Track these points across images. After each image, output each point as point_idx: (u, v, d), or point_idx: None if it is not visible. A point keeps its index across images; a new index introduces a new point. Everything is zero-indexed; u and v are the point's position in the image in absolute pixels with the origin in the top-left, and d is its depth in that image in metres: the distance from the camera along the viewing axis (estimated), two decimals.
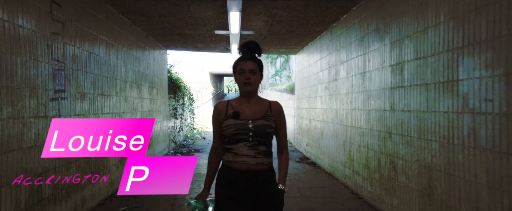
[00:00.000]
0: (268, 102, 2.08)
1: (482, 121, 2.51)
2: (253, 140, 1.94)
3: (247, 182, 1.93)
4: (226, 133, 1.96)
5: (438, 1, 3.05)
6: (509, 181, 2.27)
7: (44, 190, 3.26)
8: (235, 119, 1.94)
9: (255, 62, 2.00)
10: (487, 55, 2.46)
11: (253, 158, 1.93)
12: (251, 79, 1.96)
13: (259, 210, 1.94)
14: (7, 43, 2.77)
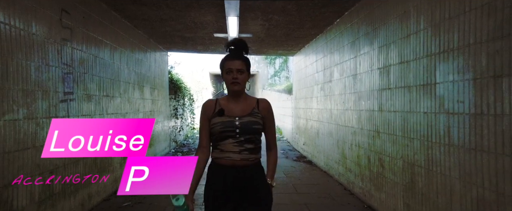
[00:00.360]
0: (256, 99, 2.10)
1: (455, 121, 2.77)
2: (240, 136, 1.96)
3: (233, 177, 1.96)
4: (214, 130, 1.99)
5: (419, 10, 3.31)
6: (477, 174, 2.52)
7: (55, 186, 3.52)
8: (220, 116, 1.98)
9: (243, 61, 2.00)
10: (459, 61, 2.72)
11: (238, 154, 1.96)
12: (238, 78, 1.97)
13: (246, 205, 1.96)
14: (22, 50, 3.03)
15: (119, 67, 5.55)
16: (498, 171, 2.32)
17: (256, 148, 2.02)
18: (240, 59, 1.99)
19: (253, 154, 2.00)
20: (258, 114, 2.03)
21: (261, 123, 2.03)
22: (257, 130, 2.01)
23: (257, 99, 2.10)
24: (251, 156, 1.99)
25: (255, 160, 2.02)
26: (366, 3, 4.64)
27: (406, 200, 3.61)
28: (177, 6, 5.12)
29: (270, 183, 2.06)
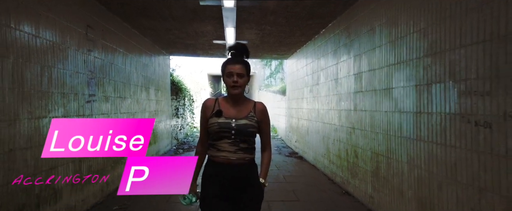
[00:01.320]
0: (253, 103, 2.18)
1: (404, 118, 3.53)
2: (235, 138, 2.05)
3: (228, 175, 2.05)
4: (210, 130, 2.08)
5: (381, 29, 4.07)
6: (417, 159, 3.28)
7: (84, 170, 4.25)
8: (218, 117, 2.07)
9: (243, 65, 2.07)
10: (406, 71, 3.48)
11: (233, 153, 2.05)
12: (238, 82, 2.04)
13: (240, 201, 2.06)
14: (62, 61, 3.76)
15: (129, 72, 6.29)
16: (430, 156, 3.08)
17: (250, 148, 2.12)
18: (241, 63, 2.06)
19: (248, 153, 2.10)
20: (254, 117, 2.11)
21: (256, 126, 2.12)
22: (251, 132, 2.09)
23: (254, 102, 2.19)
24: (246, 156, 2.08)
25: (249, 159, 2.11)
26: (345, 17, 5.40)
27: (373, 183, 4.37)
28: (182, 19, 5.86)
29: (263, 183, 2.16)
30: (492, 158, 2.33)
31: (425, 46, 3.14)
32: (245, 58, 2.14)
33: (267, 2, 4.94)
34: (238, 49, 2.14)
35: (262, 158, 2.23)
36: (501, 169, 2.25)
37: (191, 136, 12.91)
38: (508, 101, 2.19)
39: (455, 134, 2.72)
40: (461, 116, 2.65)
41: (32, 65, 3.21)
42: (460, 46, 2.65)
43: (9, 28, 2.90)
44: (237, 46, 2.15)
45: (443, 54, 2.86)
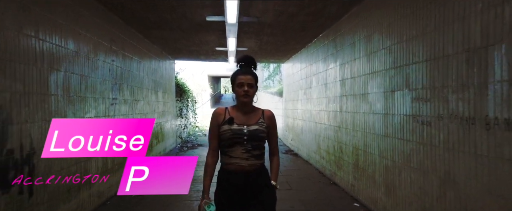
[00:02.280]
0: (262, 110, 2.30)
1: (376, 118, 4.32)
2: (248, 143, 2.15)
3: (240, 181, 2.14)
4: (223, 136, 2.17)
5: (360, 43, 4.86)
6: (386, 151, 4.06)
7: (110, 165, 5.01)
8: (230, 124, 2.17)
9: (252, 76, 2.20)
10: (378, 80, 4.26)
11: (245, 160, 2.15)
12: (249, 91, 2.16)
13: (252, 206, 2.13)
14: (94, 71, 4.54)
15: (142, 77, 7.07)
16: (393, 148, 3.86)
17: (261, 154, 2.22)
18: (250, 74, 2.20)
19: (259, 159, 2.20)
20: (263, 123, 2.23)
21: (266, 131, 2.23)
22: (262, 137, 2.20)
23: (262, 110, 2.31)
24: (256, 162, 2.18)
25: (260, 165, 2.21)
26: (332, 30, 6.19)
27: (354, 174, 5.16)
28: (189, 30, 6.64)
29: (274, 185, 2.26)
30: (431, 148, 3.12)
31: (390, 60, 3.93)
32: (253, 69, 2.28)
33: (265, 18, 5.72)
34: (247, 61, 2.27)
35: (271, 162, 2.33)
36: (437, 156, 3.04)
37: (193, 135, 13.69)
38: (440, 106, 2.98)
39: (409, 130, 3.51)
40: (413, 116, 3.44)
41: (75, 76, 3.99)
42: (412, 63, 3.44)
43: (61, 47, 3.67)
44: (246, 59, 2.27)
45: (402, 68, 3.65)
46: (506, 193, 2.26)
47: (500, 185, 2.31)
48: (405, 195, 3.61)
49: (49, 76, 3.43)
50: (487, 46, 2.42)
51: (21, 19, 3.00)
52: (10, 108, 2.84)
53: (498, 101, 2.32)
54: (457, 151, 2.75)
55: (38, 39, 3.25)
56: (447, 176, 2.88)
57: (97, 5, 4.71)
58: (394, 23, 3.80)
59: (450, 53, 2.84)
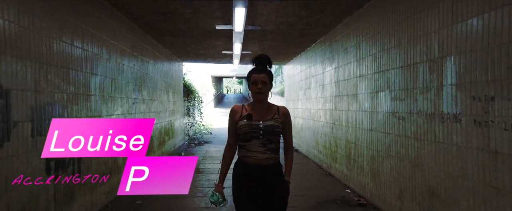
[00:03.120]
0: (277, 107, 2.39)
1: (364, 115, 5.01)
2: (263, 138, 2.25)
3: (257, 174, 2.25)
4: (241, 131, 2.28)
5: (351, 50, 5.55)
6: (372, 143, 4.75)
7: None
8: (247, 120, 2.27)
9: (267, 74, 2.29)
10: (366, 82, 4.96)
11: (262, 154, 2.25)
12: (262, 89, 2.26)
13: (266, 198, 2.25)
14: (120, 74, 5.25)
15: (156, 79, 7.79)
16: (377, 140, 4.56)
17: (276, 148, 2.32)
18: (265, 72, 2.30)
19: (274, 153, 2.30)
20: (278, 118, 2.33)
21: (281, 127, 2.33)
22: (277, 132, 2.30)
23: (278, 106, 2.41)
24: (273, 156, 2.29)
25: (275, 159, 2.32)
26: (328, 37, 6.88)
27: (347, 165, 5.85)
28: (199, 36, 7.34)
29: (288, 180, 2.36)
30: (405, 138, 3.81)
31: (375, 66, 4.62)
32: (268, 67, 2.37)
33: (268, 27, 6.41)
34: (262, 60, 2.36)
35: (285, 158, 2.44)
36: (409, 145, 3.73)
37: (199, 133, 14.41)
38: (411, 104, 3.67)
39: (389, 125, 4.20)
40: (392, 113, 4.13)
41: (107, 79, 4.70)
42: (391, 68, 4.13)
43: (98, 55, 4.39)
44: (261, 57, 2.37)
45: (384, 73, 4.34)
46: (454, 170, 2.96)
47: (450, 164, 3.01)
48: (386, 179, 4.30)
49: (90, 79, 4.14)
50: (442, 57, 3.11)
51: (72, 34, 3.71)
52: (66, 106, 3.55)
53: (449, 101, 3.02)
54: (423, 140, 3.44)
55: (83, 49, 3.96)
56: (416, 160, 3.58)
57: (123, 17, 5.42)
58: (378, 34, 4.50)
59: (418, 61, 3.53)
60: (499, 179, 2.44)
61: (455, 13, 2.92)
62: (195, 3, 4.93)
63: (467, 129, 2.78)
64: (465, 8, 2.79)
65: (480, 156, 2.63)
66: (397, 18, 3.96)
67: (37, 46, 3.05)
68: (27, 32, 2.92)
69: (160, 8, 5.12)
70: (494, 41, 2.49)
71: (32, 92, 2.97)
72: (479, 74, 2.64)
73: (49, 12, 3.26)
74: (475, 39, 2.68)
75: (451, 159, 2.99)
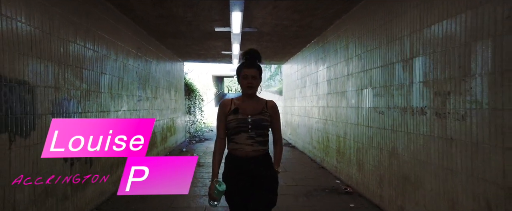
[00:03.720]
0: (265, 101, 2.43)
1: (352, 111, 5.43)
2: (252, 131, 2.29)
3: (245, 166, 2.30)
4: (230, 125, 2.32)
5: (341, 50, 5.96)
6: (358, 137, 5.17)
7: None
8: (235, 114, 2.31)
9: (257, 69, 2.32)
10: (353, 80, 5.37)
11: (250, 146, 2.29)
12: (252, 83, 2.30)
13: (256, 190, 2.29)
14: (126, 73, 5.68)
15: (159, 78, 8.22)
16: (362, 133, 4.97)
17: (264, 141, 2.36)
18: (255, 67, 2.32)
19: (262, 146, 2.33)
20: (266, 112, 2.36)
21: (269, 120, 2.37)
22: (265, 126, 2.34)
23: (266, 100, 2.44)
24: (260, 148, 2.32)
25: (263, 151, 2.34)
26: (321, 38, 7.30)
27: (337, 158, 6.27)
28: (199, 38, 7.77)
29: (277, 170, 2.40)
30: (384, 131, 4.23)
31: (360, 65, 5.04)
32: (258, 62, 2.39)
33: (263, 29, 6.83)
34: (252, 55, 2.38)
35: (274, 149, 2.49)
36: (387, 136, 4.15)
37: (200, 131, 14.85)
38: (389, 100, 4.08)
39: (371, 119, 4.62)
40: (374, 108, 4.55)
41: (114, 78, 5.13)
42: (373, 68, 4.55)
43: (106, 56, 4.82)
44: (251, 52, 2.39)
45: (367, 72, 4.76)
46: (421, 157, 3.38)
47: (418, 151, 3.43)
48: (369, 168, 4.73)
49: (100, 78, 4.57)
50: (412, 58, 3.53)
51: (85, 37, 4.14)
52: (80, 101, 3.98)
53: (417, 96, 3.44)
54: (398, 131, 3.86)
55: (94, 51, 4.39)
56: (393, 150, 4.00)
57: (129, 20, 5.85)
58: (362, 36, 4.92)
59: (394, 61, 3.95)
60: (453, 162, 2.86)
61: (422, 20, 3.34)
62: (195, 8, 5.35)
63: (430, 120, 3.20)
64: (430, 15, 3.21)
65: (440, 143, 3.05)
66: (378, 22, 4.38)
67: (56, 49, 3.48)
68: (49, 36, 3.35)
69: (163, 12, 5.55)
70: (450, 44, 2.91)
71: (52, 89, 3.41)
72: (439, 73, 3.06)
73: (66, 17, 3.69)
74: (436, 43, 3.10)
75: (419, 147, 3.41)
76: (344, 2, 4.98)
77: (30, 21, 3.06)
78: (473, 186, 2.64)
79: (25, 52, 2.98)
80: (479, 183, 2.58)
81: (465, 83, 2.71)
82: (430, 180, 3.21)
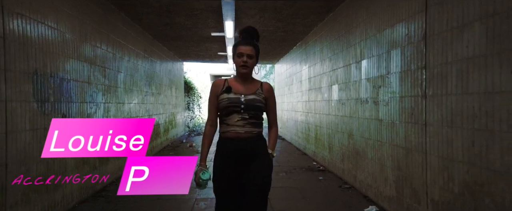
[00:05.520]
0: (261, 82, 2.29)
1: (325, 104, 6.51)
2: (244, 112, 2.17)
3: (237, 147, 2.17)
4: (221, 105, 2.20)
5: (318, 52, 7.04)
6: (328, 124, 6.25)
7: None
8: (228, 93, 2.19)
9: (253, 47, 2.19)
10: (326, 78, 6.45)
11: (241, 127, 2.17)
12: (248, 62, 2.16)
13: (248, 172, 2.15)
14: (136, 71, 6.75)
15: (162, 76, 9.29)
16: (331, 122, 6.06)
17: (258, 123, 2.23)
18: (251, 45, 2.18)
19: (256, 127, 2.21)
20: (261, 93, 2.23)
21: (264, 102, 2.23)
22: (259, 107, 2.20)
23: (261, 82, 2.30)
24: (253, 129, 2.19)
25: (256, 132, 2.21)
26: (303, 42, 8.38)
27: (315, 144, 7.35)
28: (198, 41, 8.85)
29: (271, 153, 2.27)
30: (345, 118, 5.31)
31: (330, 65, 6.12)
32: (256, 41, 2.25)
33: None
34: (249, 33, 2.25)
35: (269, 132, 2.38)
36: (347, 122, 5.23)
37: (198, 126, 15.93)
38: (348, 93, 5.17)
39: (337, 109, 5.71)
40: (339, 100, 5.63)
41: (128, 76, 6.20)
42: (338, 68, 5.64)
43: (121, 57, 5.88)
44: (248, 30, 2.26)
45: (335, 71, 5.84)
46: (365, 135, 4.46)
47: (364, 131, 4.52)
48: (336, 150, 5.82)
49: (117, 75, 5.64)
50: (361, 60, 4.62)
51: (107, 42, 5.20)
52: (104, 94, 5.05)
53: (363, 89, 4.52)
54: (353, 117, 4.95)
55: (113, 53, 5.45)
56: (350, 132, 5.09)
57: (139, 28, 6.93)
58: (332, 42, 6.01)
59: (350, 63, 5.04)
60: (382, 136, 3.95)
61: (366, 32, 4.43)
62: (195, 17, 6.42)
63: (370, 107, 4.29)
64: (370, 29, 4.29)
65: (375, 123, 4.14)
66: (341, 31, 5.46)
67: (88, 52, 4.54)
68: (83, 42, 4.41)
69: (167, 20, 6.62)
70: (380, 50, 3.99)
71: (87, 83, 4.47)
72: (375, 72, 4.15)
73: (94, 27, 4.75)
74: (373, 49, 4.19)
75: (364, 128, 4.50)
76: (317, 13, 6.06)
77: (73, 33, 4.12)
78: (391, 151, 3.73)
79: (70, 55, 4.05)
80: (394, 148, 3.67)
81: (388, 79, 3.80)
82: (370, 152, 4.30)
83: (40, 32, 3.40)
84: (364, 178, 4.52)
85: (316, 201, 4.39)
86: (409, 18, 3.33)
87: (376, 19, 4.11)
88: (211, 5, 5.62)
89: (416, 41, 3.21)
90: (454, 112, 2.65)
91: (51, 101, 3.58)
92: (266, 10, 5.97)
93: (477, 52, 2.40)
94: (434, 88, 2.91)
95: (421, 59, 3.11)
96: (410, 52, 3.31)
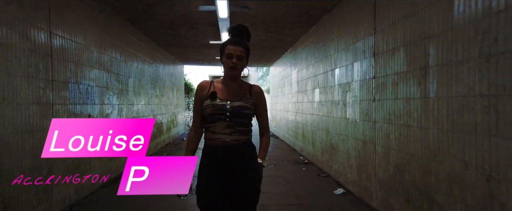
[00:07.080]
0: (249, 85, 2.11)
1: (309, 105, 7.40)
2: (230, 120, 1.99)
3: (223, 155, 1.98)
4: (205, 112, 2.01)
5: (304, 59, 7.94)
6: (313, 122, 7.14)
7: None
8: (212, 100, 2.00)
9: (244, 48, 2.01)
10: (310, 82, 7.35)
11: (228, 135, 1.99)
12: (237, 64, 1.99)
13: (236, 182, 1.98)
14: (143, 76, 7.63)
15: (165, 79, 10.18)
16: (314, 120, 6.96)
17: (246, 130, 2.05)
18: (242, 46, 2.01)
19: (243, 135, 2.03)
20: (249, 99, 2.05)
21: (252, 108, 2.05)
22: (246, 114, 2.02)
23: (251, 85, 2.12)
24: (241, 137, 2.02)
25: (244, 140, 2.03)
26: (293, 49, 9.27)
27: (302, 141, 8.25)
28: (198, 47, 9.74)
29: (261, 163, 2.10)
30: (324, 117, 6.21)
31: (314, 71, 7.02)
32: (247, 41, 2.10)
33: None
34: (240, 31, 2.09)
35: (260, 141, 2.19)
36: (325, 121, 6.12)
37: None
38: (326, 96, 6.06)
39: (319, 109, 6.60)
40: (319, 102, 6.52)
41: (136, 80, 7.08)
42: (319, 74, 6.53)
43: (130, 64, 6.76)
44: (239, 28, 2.09)
45: (317, 76, 6.74)
46: (338, 131, 5.35)
47: (338, 128, 5.41)
48: (318, 145, 6.71)
49: (128, 80, 6.53)
50: (334, 69, 5.52)
51: (120, 52, 6.08)
52: (119, 97, 5.93)
53: (336, 93, 5.42)
54: (330, 117, 5.84)
55: (124, 62, 6.34)
56: (327, 130, 5.99)
57: (145, 37, 7.81)
58: (315, 51, 6.90)
59: (328, 70, 5.94)
60: (348, 131, 4.85)
61: (338, 45, 5.32)
62: (195, 30, 7.31)
63: (341, 108, 5.19)
64: (340, 43, 5.18)
65: (344, 121, 5.04)
66: (321, 42, 6.36)
67: (106, 62, 5.43)
68: (102, 54, 5.29)
69: (171, 32, 7.50)
70: (345, 62, 4.89)
71: (105, 88, 5.36)
72: (344, 79, 5.05)
73: (112, 41, 5.63)
74: (342, 61, 5.08)
75: (337, 125, 5.40)
76: (302, 25, 6.95)
77: (95, 46, 5.00)
78: (354, 143, 4.63)
79: (93, 65, 4.93)
80: (356, 141, 4.57)
81: (352, 85, 4.70)
82: (341, 144, 5.20)
83: (73, 48, 4.29)
84: (337, 167, 5.41)
85: (296, 186, 5.29)
86: (365, 39, 4.23)
87: (345, 36, 5.01)
88: (209, 20, 6.51)
89: (369, 57, 4.11)
90: (390, 112, 3.55)
91: (80, 103, 4.46)
92: (257, 24, 6.86)
93: (402, 69, 3.30)
94: (379, 94, 3.81)
95: (372, 71, 4.01)
96: (366, 65, 4.21)
